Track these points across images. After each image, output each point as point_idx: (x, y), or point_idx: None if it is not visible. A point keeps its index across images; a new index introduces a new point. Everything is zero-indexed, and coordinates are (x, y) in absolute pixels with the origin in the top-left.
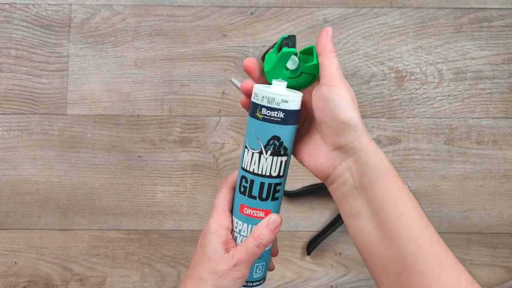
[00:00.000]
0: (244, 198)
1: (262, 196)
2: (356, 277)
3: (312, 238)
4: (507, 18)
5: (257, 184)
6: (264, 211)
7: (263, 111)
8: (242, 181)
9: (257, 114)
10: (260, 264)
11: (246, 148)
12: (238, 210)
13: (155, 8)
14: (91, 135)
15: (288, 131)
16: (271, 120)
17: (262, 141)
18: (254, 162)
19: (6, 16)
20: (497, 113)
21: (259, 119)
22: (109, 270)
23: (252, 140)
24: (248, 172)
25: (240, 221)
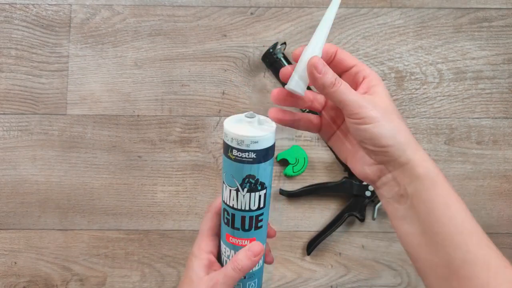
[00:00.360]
0: (228, 229)
1: (244, 228)
2: (356, 277)
3: (312, 238)
4: (507, 18)
5: (238, 218)
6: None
7: (234, 152)
8: (225, 213)
9: (229, 154)
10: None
11: (224, 183)
12: (225, 238)
13: (155, 8)
14: (91, 135)
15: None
16: (243, 161)
17: (237, 180)
18: (233, 198)
19: (6, 16)
20: (497, 113)
21: (231, 159)
22: (109, 270)
23: (228, 178)
24: (228, 207)
25: (228, 248)
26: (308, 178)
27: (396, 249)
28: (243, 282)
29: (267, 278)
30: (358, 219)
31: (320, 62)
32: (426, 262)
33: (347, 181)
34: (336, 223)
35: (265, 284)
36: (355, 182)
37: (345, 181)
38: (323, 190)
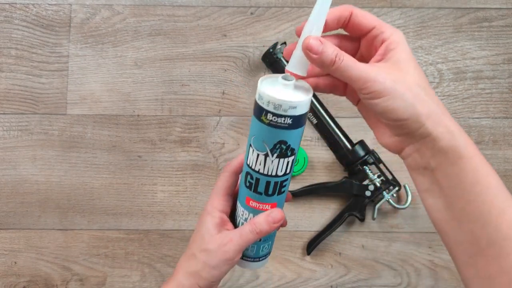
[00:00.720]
0: (250, 193)
1: (268, 193)
2: (356, 277)
3: (312, 238)
4: (507, 18)
5: (263, 183)
6: (270, 205)
7: (269, 117)
8: (248, 177)
9: (262, 118)
10: (266, 244)
11: (251, 147)
12: (244, 201)
13: (155, 8)
14: (91, 135)
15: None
16: (277, 126)
17: (268, 145)
18: (260, 163)
19: (6, 16)
20: (497, 113)
21: (264, 123)
22: (109, 270)
23: (258, 142)
24: (254, 171)
25: (247, 211)
26: (308, 178)
27: (396, 249)
28: (258, 244)
29: (267, 278)
30: (358, 219)
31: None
32: (452, 237)
33: (347, 181)
34: (336, 223)
35: (265, 284)
36: (355, 182)
37: (345, 181)
38: (323, 190)
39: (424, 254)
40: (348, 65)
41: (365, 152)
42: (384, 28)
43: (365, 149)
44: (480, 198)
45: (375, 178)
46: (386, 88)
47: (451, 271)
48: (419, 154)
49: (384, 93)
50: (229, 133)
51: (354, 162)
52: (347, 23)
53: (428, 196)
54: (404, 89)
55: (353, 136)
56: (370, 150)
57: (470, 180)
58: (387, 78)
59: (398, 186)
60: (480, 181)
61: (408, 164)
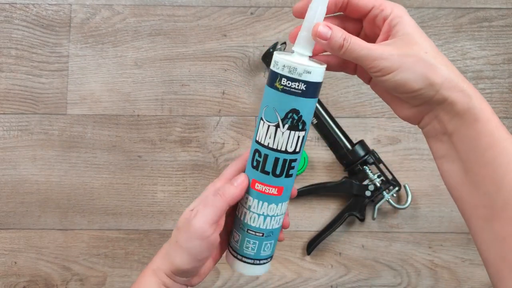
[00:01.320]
0: (256, 173)
1: (275, 172)
2: (356, 277)
3: (312, 238)
4: (507, 18)
5: (271, 159)
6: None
7: (283, 82)
8: (255, 155)
9: (276, 84)
10: (269, 242)
11: (262, 120)
12: (250, 185)
13: (155, 8)
14: (91, 135)
15: (308, 105)
16: (291, 92)
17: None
18: (270, 136)
19: (6, 16)
20: (497, 113)
21: (278, 90)
22: (109, 270)
23: (269, 112)
24: (262, 146)
25: (251, 197)
26: (308, 178)
27: (396, 249)
28: (260, 240)
29: (267, 278)
30: (358, 219)
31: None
32: (467, 202)
33: (347, 181)
34: (336, 223)
35: (265, 284)
36: (355, 182)
37: (345, 181)
38: (323, 190)
39: (424, 254)
40: (355, 47)
41: (365, 152)
42: (384, 5)
43: (365, 149)
44: (495, 161)
45: (375, 178)
46: (393, 63)
47: (451, 271)
48: (437, 121)
49: (392, 68)
50: (229, 133)
51: (354, 162)
52: (345, 6)
53: (444, 162)
54: (412, 61)
55: (353, 136)
56: (370, 150)
57: (486, 144)
58: (393, 53)
59: (398, 186)
60: (495, 144)
61: (426, 132)
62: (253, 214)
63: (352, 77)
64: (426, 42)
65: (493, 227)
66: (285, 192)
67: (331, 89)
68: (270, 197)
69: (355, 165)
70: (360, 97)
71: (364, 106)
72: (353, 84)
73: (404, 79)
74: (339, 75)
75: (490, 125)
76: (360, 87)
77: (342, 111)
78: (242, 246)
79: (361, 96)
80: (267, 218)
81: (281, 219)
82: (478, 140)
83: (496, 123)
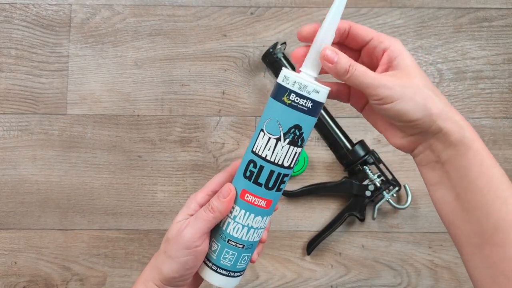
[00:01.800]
0: (248, 184)
1: (268, 185)
2: (356, 277)
3: (312, 238)
4: (507, 18)
5: (266, 172)
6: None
7: (292, 97)
8: (250, 165)
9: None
10: (246, 255)
11: (263, 131)
12: (239, 195)
13: (155, 8)
14: (91, 135)
15: (310, 123)
16: (298, 108)
17: (283, 127)
18: (269, 148)
19: (6, 16)
20: (497, 113)
21: (285, 104)
22: (109, 270)
23: (272, 125)
24: (259, 157)
25: (238, 207)
26: (308, 178)
27: (396, 249)
28: (239, 252)
29: (267, 278)
30: (358, 219)
31: (331, 52)
32: (459, 228)
33: (347, 181)
34: (336, 223)
35: (265, 284)
36: (355, 182)
37: (345, 181)
38: (323, 190)
39: (424, 254)
40: (360, 74)
41: (365, 152)
42: (382, 38)
43: (365, 149)
44: (485, 188)
45: (375, 178)
46: (396, 92)
47: (451, 271)
48: (430, 150)
49: (394, 98)
50: (229, 133)
51: (354, 162)
52: (346, 36)
53: (437, 189)
54: (413, 92)
55: (353, 136)
56: (370, 150)
57: (477, 172)
58: (396, 84)
59: (398, 186)
60: (485, 172)
61: (419, 161)
62: (237, 224)
63: None
64: (423, 75)
65: (483, 252)
66: (272, 206)
67: None
68: (258, 209)
69: (355, 165)
70: None
71: None
72: None
73: (405, 108)
74: None
75: (480, 154)
76: None
77: (342, 111)
78: (220, 257)
79: None
80: (250, 230)
81: (262, 233)
82: (470, 169)
83: (485, 152)
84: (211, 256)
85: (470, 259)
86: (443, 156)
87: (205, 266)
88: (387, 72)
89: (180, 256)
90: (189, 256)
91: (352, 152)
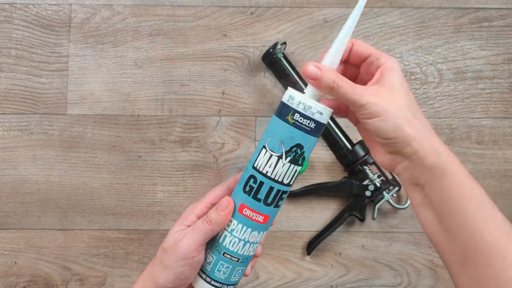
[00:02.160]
0: (247, 198)
1: (267, 201)
2: (356, 277)
3: (312, 238)
4: (507, 18)
5: (266, 188)
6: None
7: (296, 117)
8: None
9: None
10: (241, 268)
11: (265, 148)
12: (237, 209)
13: (155, 8)
14: (91, 135)
15: (311, 143)
16: (301, 128)
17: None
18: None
19: (6, 16)
20: (497, 113)
21: (288, 123)
22: (109, 270)
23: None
24: (260, 173)
25: (236, 221)
26: (308, 178)
27: (396, 249)
28: (234, 265)
29: (267, 278)
30: (358, 219)
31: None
32: (445, 248)
33: (347, 181)
34: (336, 223)
35: (265, 284)
36: (355, 182)
37: (345, 181)
38: (323, 190)
39: (424, 254)
40: (347, 90)
41: (365, 152)
42: (380, 55)
43: (365, 149)
44: (466, 210)
45: (375, 178)
46: (378, 110)
47: None
48: (409, 172)
49: (376, 114)
50: (229, 133)
51: (354, 162)
52: (349, 52)
53: (421, 210)
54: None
55: (353, 136)
56: None
57: (456, 194)
58: (380, 101)
59: (398, 186)
60: (464, 194)
61: (402, 180)
62: (234, 238)
63: None
64: (409, 96)
65: (469, 273)
66: (269, 222)
67: None
68: (255, 224)
69: (355, 165)
70: None
71: None
72: None
73: (383, 126)
74: None
75: (458, 177)
76: None
77: None
78: (214, 269)
79: None
80: (246, 244)
81: (257, 247)
82: (449, 191)
83: (464, 174)
84: (206, 268)
85: (456, 278)
86: (421, 179)
87: (199, 277)
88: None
89: (177, 266)
90: (185, 267)
91: (352, 152)
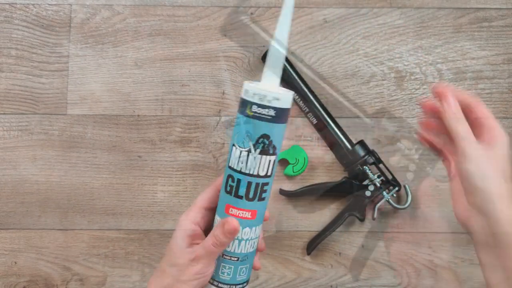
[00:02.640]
0: (230, 198)
1: (249, 196)
2: (356, 277)
3: (312, 238)
4: (507, 18)
5: (244, 184)
6: (251, 212)
7: (254, 108)
8: (229, 180)
9: (247, 111)
10: (244, 266)
11: (234, 146)
12: (224, 210)
13: (155, 8)
14: (91, 135)
15: (278, 130)
16: (261, 118)
17: (251, 139)
18: (242, 161)
19: (6, 16)
20: (497, 113)
21: (249, 117)
22: (109, 270)
23: (241, 138)
24: (235, 171)
25: None
26: (308, 178)
27: (396, 249)
28: (235, 264)
29: (267, 278)
30: (358, 219)
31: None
32: None
33: (347, 181)
34: (336, 223)
35: (265, 284)
36: (355, 182)
37: (345, 181)
38: (323, 190)
39: (424, 254)
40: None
41: (365, 152)
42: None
43: (365, 149)
44: None
45: (375, 178)
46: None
47: (451, 271)
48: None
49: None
50: (229, 133)
51: (354, 162)
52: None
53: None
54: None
55: (353, 136)
56: (370, 150)
57: None
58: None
59: (398, 186)
60: None
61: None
62: None
63: (351, 78)
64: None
65: None
66: (259, 216)
67: (331, 89)
68: (244, 221)
69: (355, 165)
70: (360, 97)
71: (364, 106)
72: (353, 84)
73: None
74: (339, 74)
75: None
76: (360, 87)
77: (342, 111)
78: (218, 272)
79: (360, 96)
80: (241, 242)
81: (256, 242)
82: None
83: None
84: None
85: None
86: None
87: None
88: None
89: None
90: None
91: (352, 152)
